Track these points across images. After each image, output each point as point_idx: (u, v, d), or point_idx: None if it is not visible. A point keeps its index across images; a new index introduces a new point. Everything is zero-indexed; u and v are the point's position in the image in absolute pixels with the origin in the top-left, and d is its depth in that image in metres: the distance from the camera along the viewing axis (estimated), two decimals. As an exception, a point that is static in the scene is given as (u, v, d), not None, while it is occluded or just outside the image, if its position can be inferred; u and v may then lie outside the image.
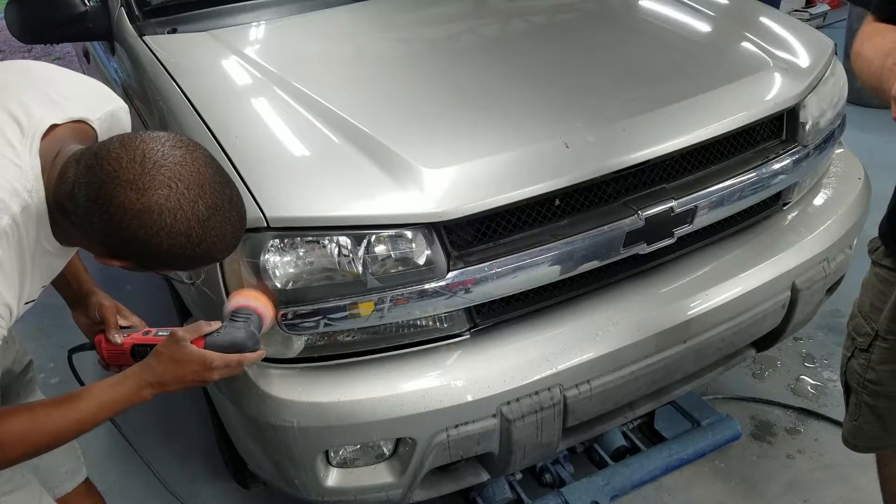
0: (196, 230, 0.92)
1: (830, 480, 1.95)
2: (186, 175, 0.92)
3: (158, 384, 1.12)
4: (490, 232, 1.41)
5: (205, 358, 1.12)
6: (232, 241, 1.00)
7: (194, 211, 0.92)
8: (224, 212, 0.95)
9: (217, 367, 1.13)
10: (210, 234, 0.94)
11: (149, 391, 1.12)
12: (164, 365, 1.12)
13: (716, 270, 1.64)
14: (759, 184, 1.64)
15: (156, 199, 0.89)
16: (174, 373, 1.12)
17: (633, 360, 1.50)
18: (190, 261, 0.97)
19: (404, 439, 1.42)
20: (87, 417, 1.09)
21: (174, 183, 0.90)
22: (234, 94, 1.67)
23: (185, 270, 1.10)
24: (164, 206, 0.90)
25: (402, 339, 1.43)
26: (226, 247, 0.99)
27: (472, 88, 1.67)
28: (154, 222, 0.90)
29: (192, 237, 0.92)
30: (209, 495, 2.05)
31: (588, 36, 1.99)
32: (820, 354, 2.40)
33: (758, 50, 1.81)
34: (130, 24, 1.96)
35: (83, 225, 0.94)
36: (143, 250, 0.93)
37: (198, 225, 0.92)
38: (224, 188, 0.97)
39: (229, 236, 0.98)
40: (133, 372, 1.13)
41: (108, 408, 1.11)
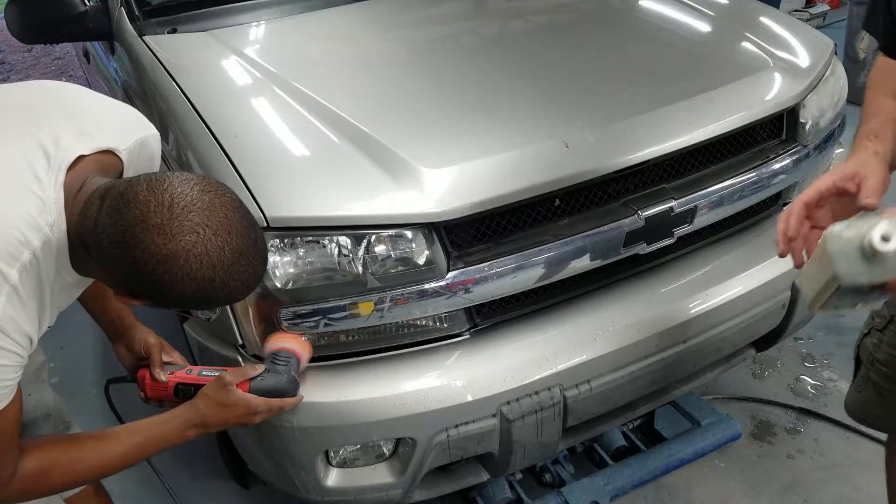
0: (220, 275, 0.91)
1: (830, 480, 1.95)
2: (214, 221, 0.90)
3: (203, 425, 1.18)
4: (490, 232, 1.41)
5: (249, 403, 1.18)
6: (253, 284, 0.99)
7: (220, 257, 0.90)
8: (248, 256, 0.94)
9: (261, 412, 1.20)
10: (233, 279, 0.93)
11: (193, 431, 1.18)
12: (211, 408, 1.18)
13: (716, 270, 1.64)
14: (758, 184, 1.64)
15: (182, 244, 0.88)
16: (219, 416, 1.18)
17: (633, 360, 1.50)
18: (209, 303, 0.96)
19: (404, 439, 1.42)
20: (132, 452, 1.14)
21: (202, 229, 0.89)
22: (234, 94, 1.67)
23: (202, 310, 1.07)
24: (191, 252, 0.88)
25: (402, 339, 1.43)
26: (247, 289, 0.98)
27: (472, 88, 1.67)
28: (180, 268, 0.88)
29: (215, 282, 0.91)
30: (209, 495, 2.05)
31: (588, 36, 1.99)
32: (820, 354, 2.40)
33: (758, 50, 1.81)
34: (130, 23, 1.96)
35: (105, 265, 0.93)
36: (166, 294, 0.91)
37: (223, 271, 0.91)
38: (250, 232, 0.95)
39: (251, 280, 0.97)
40: (179, 413, 1.18)
41: (153, 445, 1.16)
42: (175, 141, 1.59)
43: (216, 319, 1.43)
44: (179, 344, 1.52)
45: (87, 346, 2.57)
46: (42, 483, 1.06)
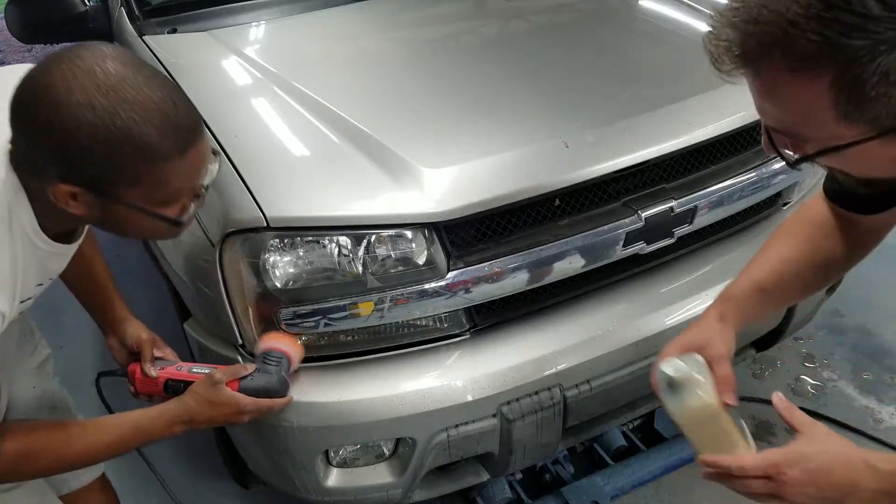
0: (99, 100, 0.84)
1: (830, 480, 1.95)
2: (85, 52, 0.87)
3: (191, 421, 1.18)
4: (490, 232, 1.41)
5: (238, 402, 1.19)
6: (160, 121, 0.87)
7: (91, 79, 0.84)
8: (136, 85, 0.86)
9: (249, 412, 1.20)
10: (122, 108, 0.84)
11: (179, 427, 1.18)
12: (200, 405, 1.18)
13: (716, 270, 1.64)
14: (758, 184, 1.64)
15: (50, 76, 0.85)
16: (207, 413, 1.18)
17: (633, 360, 1.50)
18: (118, 153, 0.86)
19: (404, 439, 1.42)
20: (117, 443, 1.14)
21: (69, 59, 0.86)
22: (234, 94, 1.67)
23: (137, 183, 0.90)
24: (58, 77, 0.85)
25: (402, 339, 1.43)
26: (155, 129, 0.87)
27: (472, 88, 1.67)
28: (51, 97, 0.84)
29: (96, 109, 0.84)
30: (209, 495, 2.05)
31: (588, 36, 1.99)
32: (820, 354, 2.40)
33: (758, 50, 1.81)
34: (130, 23, 1.96)
35: (28, 154, 0.90)
36: (62, 143, 0.85)
37: (99, 94, 0.84)
38: (140, 67, 0.89)
39: (153, 113, 0.86)
40: (168, 408, 1.18)
41: (140, 438, 1.16)
42: (175, 141, 1.58)
43: (215, 319, 1.43)
44: (179, 344, 1.52)
45: (87, 345, 2.57)
46: (25, 465, 1.07)
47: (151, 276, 1.64)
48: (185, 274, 1.53)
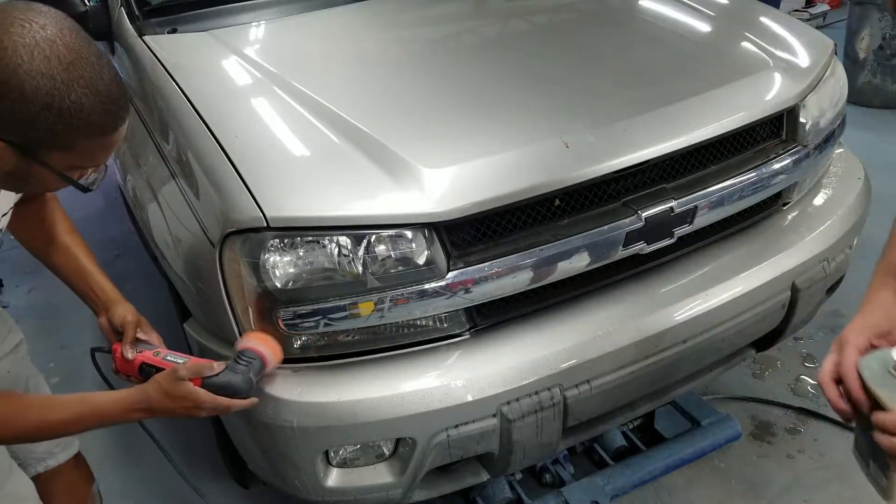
0: (59, 72, 0.88)
1: (830, 480, 1.95)
2: (42, 19, 0.89)
3: (149, 410, 1.18)
4: (490, 232, 1.41)
5: (196, 398, 1.19)
6: (107, 100, 0.93)
7: (53, 50, 0.88)
8: (91, 63, 0.91)
9: (206, 408, 1.20)
10: (78, 83, 0.89)
11: (138, 414, 1.19)
12: (159, 396, 1.18)
13: (716, 270, 1.64)
14: (759, 184, 1.64)
15: (8, 36, 0.86)
16: (166, 405, 1.18)
17: (633, 360, 1.50)
18: (65, 123, 0.90)
19: (404, 439, 1.42)
20: (75, 421, 1.15)
21: (27, 23, 0.87)
22: (234, 94, 1.67)
23: (68, 150, 0.95)
24: (19, 42, 0.86)
25: (402, 339, 1.43)
26: (101, 106, 0.92)
27: (472, 88, 1.67)
28: (10, 59, 0.86)
29: (56, 80, 0.87)
30: (209, 495, 2.05)
31: (588, 36, 1.99)
32: (820, 354, 2.40)
33: (758, 50, 1.81)
34: (130, 24, 1.96)
35: None
36: (8, 102, 0.87)
37: (59, 66, 0.88)
38: (90, 44, 0.93)
39: (103, 92, 0.92)
40: (129, 394, 1.19)
41: (97, 419, 1.17)
42: (175, 141, 1.59)
43: (215, 319, 1.43)
44: (180, 344, 1.52)
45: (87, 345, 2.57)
46: None
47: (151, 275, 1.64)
48: (185, 274, 1.53)
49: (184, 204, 1.51)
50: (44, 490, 1.48)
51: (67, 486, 1.61)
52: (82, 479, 1.67)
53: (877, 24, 4.21)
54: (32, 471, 1.53)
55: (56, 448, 1.58)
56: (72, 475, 1.62)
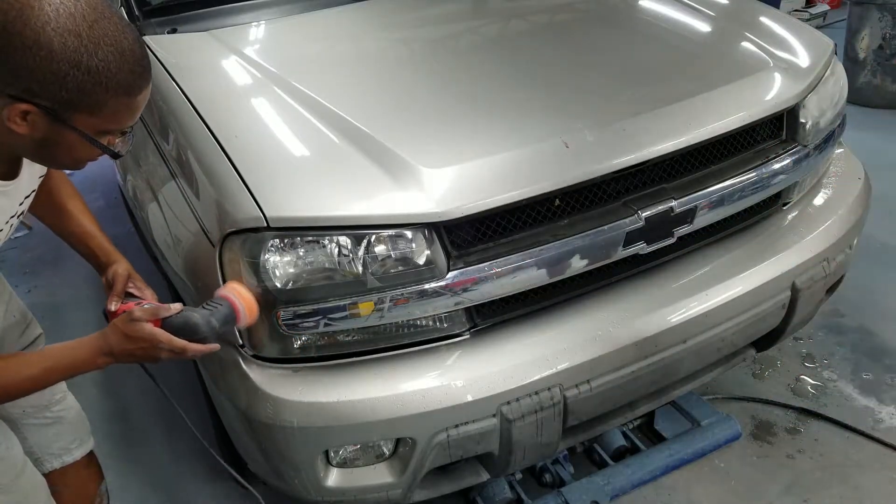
0: (85, 30, 0.89)
1: (830, 480, 1.95)
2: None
3: (111, 354, 1.16)
4: (490, 232, 1.41)
5: (153, 337, 1.15)
6: (132, 59, 0.94)
7: (78, 8, 0.89)
8: (114, 22, 0.93)
9: (163, 349, 1.16)
10: (104, 41, 0.91)
11: (102, 360, 1.16)
12: (117, 338, 1.16)
13: (716, 270, 1.64)
14: (759, 184, 1.64)
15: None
16: (124, 347, 1.16)
17: (633, 360, 1.50)
18: (94, 82, 0.92)
19: (404, 439, 1.42)
20: (40, 376, 1.14)
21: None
22: (234, 94, 1.67)
23: (97, 112, 0.96)
24: (45, 0, 0.87)
25: (402, 339, 1.43)
26: (128, 65, 0.94)
27: (471, 88, 1.67)
28: (37, 17, 0.87)
29: (82, 38, 0.89)
30: (209, 495, 2.05)
31: (588, 36, 1.99)
32: (820, 354, 2.40)
33: (758, 50, 1.81)
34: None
35: None
36: (37, 61, 0.88)
37: (84, 24, 0.89)
38: (110, 6, 0.94)
39: (127, 51, 0.94)
40: (90, 340, 1.17)
41: (62, 371, 1.16)
42: (175, 141, 1.59)
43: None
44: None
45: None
46: None
47: (151, 276, 1.64)
48: (185, 274, 1.53)
49: (184, 204, 1.51)
50: (54, 486, 1.49)
51: (77, 483, 1.62)
52: (92, 476, 1.68)
53: (877, 24, 4.21)
54: (48, 466, 1.54)
55: (72, 445, 1.59)
56: (82, 473, 1.63)
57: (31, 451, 1.49)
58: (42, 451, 1.53)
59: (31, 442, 1.51)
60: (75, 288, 3.06)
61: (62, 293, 3.07)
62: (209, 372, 1.55)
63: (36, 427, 1.52)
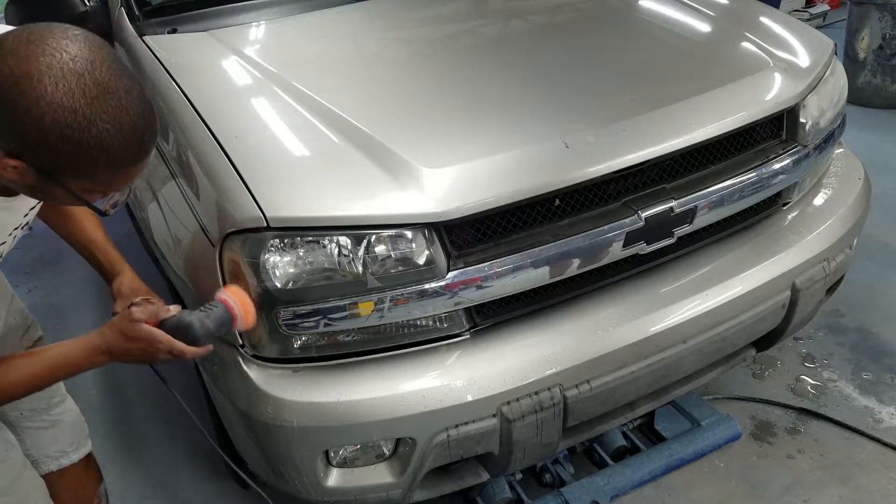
0: (82, 106, 0.86)
1: (830, 480, 1.95)
2: (74, 49, 0.87)
3: (110, 353, 1.16)
4: (490, 232, 1.41)
5: (152, 337, 1.15)
6: (130, 135, 0.92)
7: (80, 84, 0.86)
8: (117, 95, 0.89)
9: (161, 349, 1.15)
10: (101, 118, 0.88)
11: (101, 358, 1.16)
12: (115, 336, 1.15)
13: (716, 270, 1.64)
14: (759, 184, 1.64)
15: (36, 65, 0.85)
16: (123, 346, 1.15)
17: (633, 360, 1.50)
18: (84, 155, 0.90)
19: (404, 439, 1.42)
20: (43, 374, 1.15)
21: (59, 52, 0.86)
22: (234, 94, 1.67)
23: (86, 178, 0.95)
24: (45, 72, 0.85)
25: (402, 339, 1.43)
26: (124, 141, 0.91)
27: (472, 88, 1.67)
28: (33, 89, 0.84)
29: (77, 114, 0.86)
30: (209, 495, 2.05)
31: (588, 36, 1.99)
32: (820, 354, 2.40)
33: (758, 50, 1.81)
34: (130, 24, 1.96)
35: None
36: (27, 129, 0.86)
37: (85, 103, 0.86)
38: (123, 77, 0.91)
39: (126, 128, 0.91)
40: (89, 338, 1.17)
41: (63, 369, 1.16)
42: (175, 141, 1.59)
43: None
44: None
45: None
46: None
47: (152, 276, 1.65)
48: (185, 274, 1.53)
49: (184, 204, 1.51)
50: (53, 488, 1.49)
51: (76, 485, 1.63)
52: (91, 478, 1.68)
53: (877, 24, 4.21)
54: (45, 469, 1.55)
55: (70, 448, 1.59)
56: (81, 475, 1.63)
57: (29, 453, 1.49)
58: (39, 454, 1.54)
59: (29, 444, 1.51)
60: (75, 288, 3.07)
61: (62, 293, 3.07)
62: (209, 372, 1.55)
63: (33, 430, 1.52)
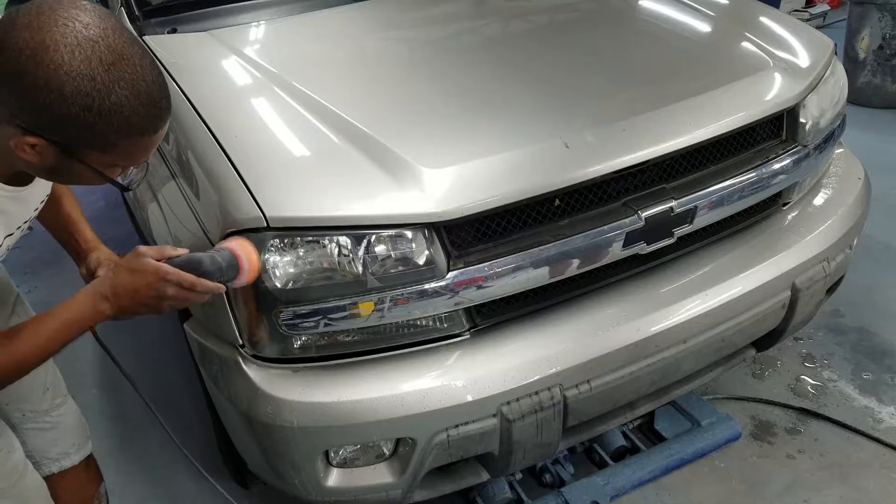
0: (100, 73, 0.87)
1: (830, 480, 1.95)
2: (86, 18, 0.88)
3: (113, 295, 1.09)
4: (490, 232, 1.41)
5: (159, 269, 1.09)
6: (147, 101, 0.93)
7: (95, 51, 0.87)
8: (133, 64, 0.90)
9: (171, 281, 1.09)
10: (118, 84, 0.89)
11: (105, 304, 1.10)
12: (120, 274, 1.10)
13: (716, 270, 1.64)
14: (759, 184, 1.64)
15: (51, 35, 0.86)
16: (128, 282, 1.09)
17: (633, 360, 1.50)
18: (105, 124, 0.90)
19: (404, 439, 1.42)
20: (52, 338, 1.09)
21: (72, 22, 0.87)
22: (233, 94, 1.67)
23: (107, 150, 0.95)
24: (60, 42, 0.86)
25: (402, 339, 1.43)
26: (142, 108, 0.92)
27: (472, 88, 1.67)
28: (51, 59, 0.85)
29: (96, 81, 0.87)
30: (209, 495, 2.05)
31: (588, 36, 1.99)
32: (820, 354, 2.40)
33: (758, 50, 1.81)
34: (130, 24, 1.96)
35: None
36: (48, 101, 0.87)
37: (101, 67, 0.88)
38: (134, 44, 0.92)
39: (143, 94, 0.92)
40: (89, 286, 1.12)
41: (70, 326, 1.10)
42: (175, 141, 1.59)
43: (215, 319, 1.43)
44: (180, 344, 1.52)
45: (88, 346, 2.57)
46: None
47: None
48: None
49: (184, 204, 1.51)
50: (54, 489, 1.49)
51: (76, 486, 1.62)
52: (90, 479, 1.68)
53: (877, 24, 4.21)
54: (47, 470, 1.55)
55: (71, 449, 1.59)
56: (81, 476, 1.63)
57: (30, 454, 1.49)
58: (41, 456, 1.53)
59: (31, 446, 1.51)
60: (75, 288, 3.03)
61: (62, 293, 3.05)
62: (209, 372, 1.55)
63: (35, 431, 1.52)
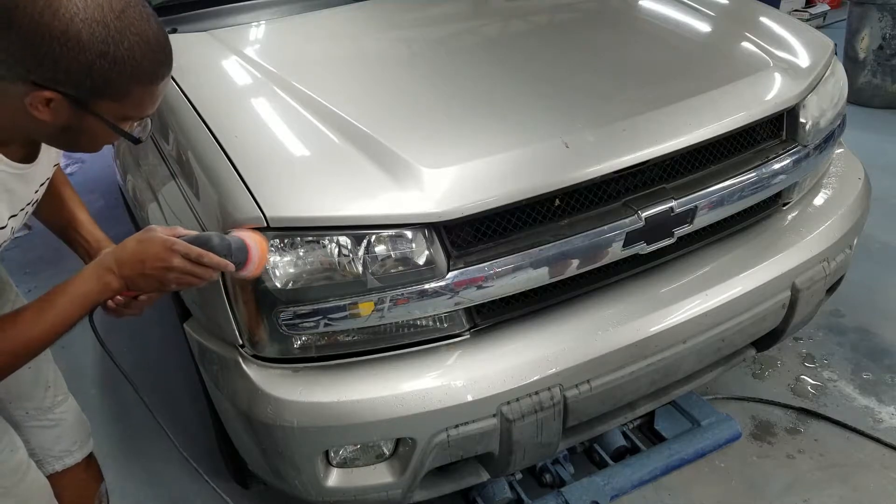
0: (112, 20, 0.90)
1: (830, 480, 1.95)
2: None
3: (118, 266, 1.09)
4: (490, 232, 1.41)
5: (168, 240, 1.09)
6: (156, 46, 0.96)
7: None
8: (139, 11, 0.94)
9: (177, 251, 1.08)
10: (129, 30, 0.92)
11: (110, 276, 1.09)
12: (127, 245, 1.10)
13: (716, 270, 1.64)
14: (759, 184, 1.64)
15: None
16: (136, 251, 1.09)
17: (633, 360, 1.50)
18: (119, 71, 0.93)
19: (404, 439, 1.42)
20: (59, 318, 1.08)
21: None
22: (234, 94, 1.67)
23: (120, 99, 0.97)
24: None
25: (402, 339, 1.43)
26: (152, 53, 0.95)
27: (472, 88, 1.67)
28: (66, 9, 0.88)
29: (109, 28, 0.90)
30: (209, 495, 2.05)
31: (588, 36, 1.99)
32: (820, 354, 2.40)
33: (758, 50, 1.81)
34: (130, 24, 1.96)
35: None
36: (65, 51, 0.89)
37: (112, 14, 0.90)
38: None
39: (152, 39, 0.95)
40: (94, 261, 1.12)
41: (76, 303, 1.09)
42: (175, 141, 1.59)
43: (215, 319, 1.43)
44: (179, 344, 1.52)
45: (87, 345, 2.57)
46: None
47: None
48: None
49: (184, 204, 1.51)
50: (55, 488, 1.49)
51: (78, 485, 1.63)
52: (91, 478, 1.69)
53: (877, 24, 4.21)
54: (49, 469, 1.55)
55: (73, 447, 1.60)
56: (82, 475, 1.64)
57: (34, 453, 1.49)
58: (44, 454, 1.54)
59: (34, 444, 1.51)
60: (75, 288, 3.06)
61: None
62: (209, 372, 1.55)
63: (38, 429, 1.52)
